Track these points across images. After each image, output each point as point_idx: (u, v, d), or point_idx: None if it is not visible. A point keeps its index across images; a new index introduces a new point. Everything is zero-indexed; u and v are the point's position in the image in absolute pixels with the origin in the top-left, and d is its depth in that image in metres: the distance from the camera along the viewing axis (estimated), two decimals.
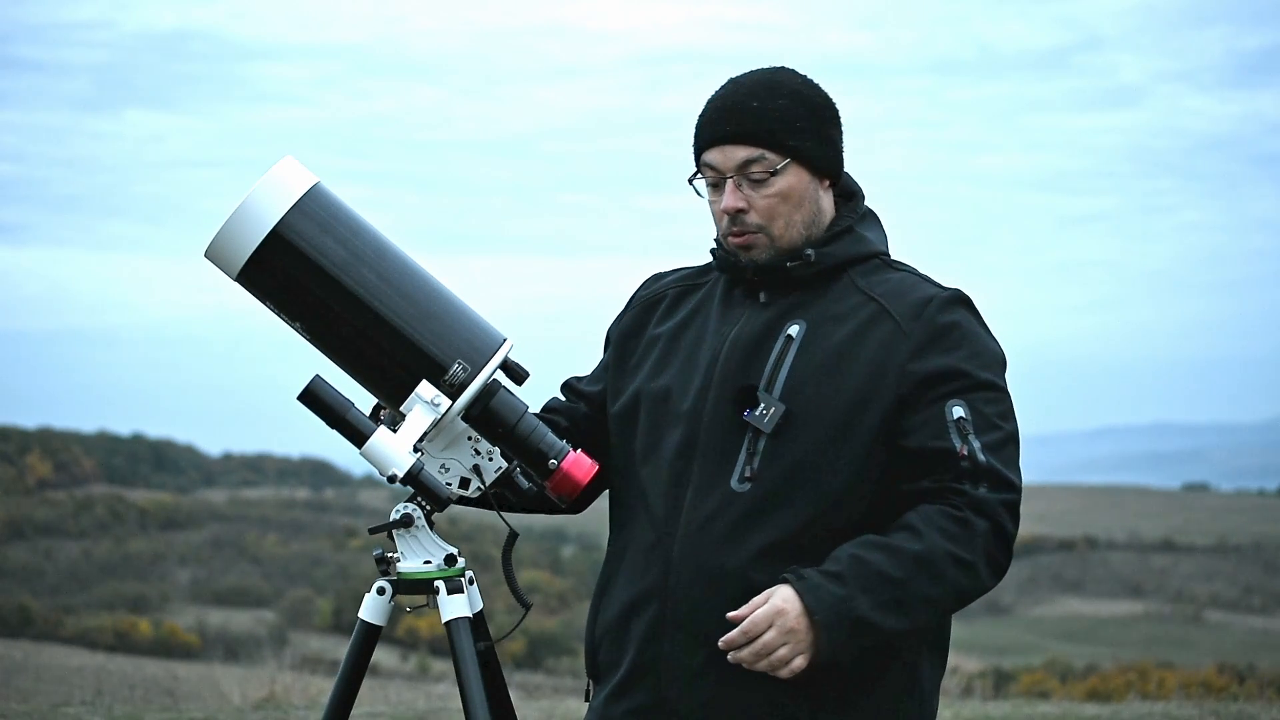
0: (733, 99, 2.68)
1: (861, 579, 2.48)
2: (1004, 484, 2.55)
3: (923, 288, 2.66)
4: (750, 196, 2.65)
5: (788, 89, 2.68)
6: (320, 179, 2.54)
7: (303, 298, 2.51)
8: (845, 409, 2.58)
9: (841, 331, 2.62)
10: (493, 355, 2.54)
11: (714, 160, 2.67)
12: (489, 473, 2.59)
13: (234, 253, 2.48)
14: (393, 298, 2.51)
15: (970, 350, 2.61)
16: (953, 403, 2.57)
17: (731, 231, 2.67)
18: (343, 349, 2.55)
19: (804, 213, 2.67)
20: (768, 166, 2.64)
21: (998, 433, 2.58)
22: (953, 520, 2.52)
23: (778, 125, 2.64)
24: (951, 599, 2.54)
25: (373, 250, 2.52)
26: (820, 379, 2.60)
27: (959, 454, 2.54)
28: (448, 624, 2.57)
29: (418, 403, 2.51)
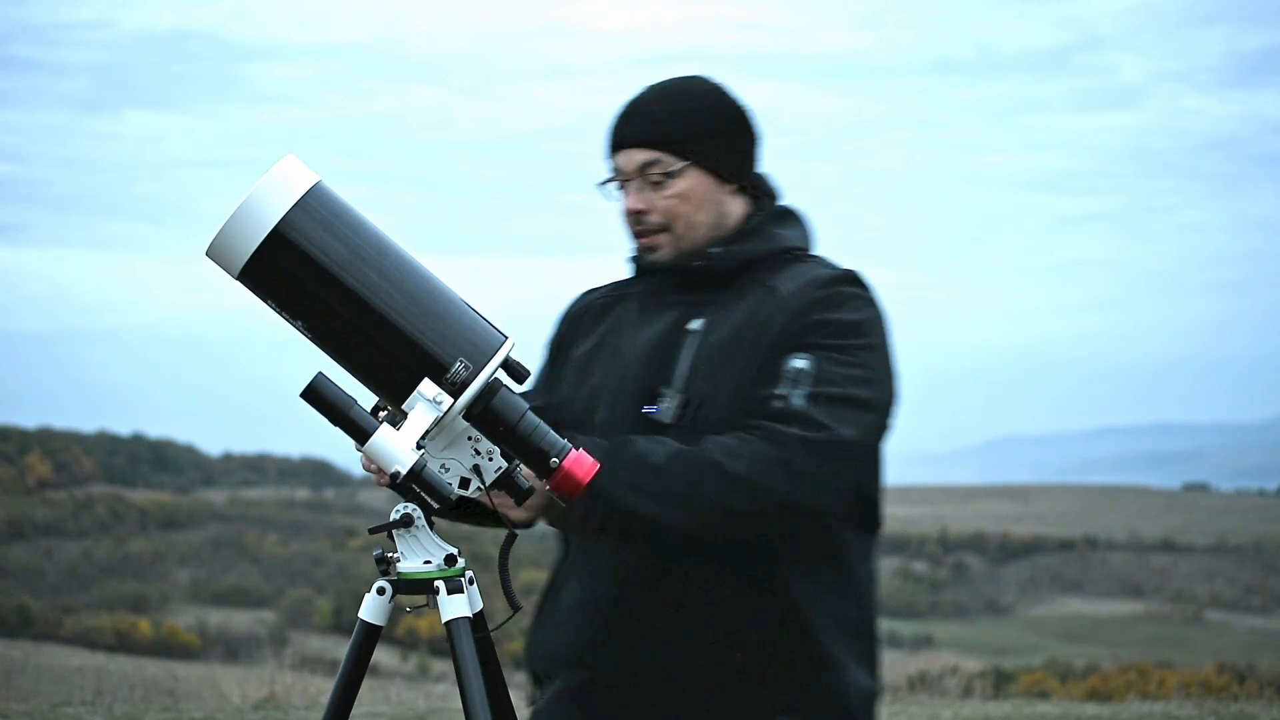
0: (636, 104, 2.79)
1: (617, 454, 2.58)
2: (815, 426, 2.58)
3: (817, 270, 2.73)
4: (651, 198, 2.75)
5: (692, 95, 2.78)
6: (321, 178, 2.54)
7: (304, 296, 2.51)
8: (738, 388, 2.66)
9: (735, 319, 2.70)
10: (494, 354, 2.55)
11: (619, 163, 2.78)
12: (489, 473, 2.58)
13: (236, 251, 2.48)
14: (394, 296, 2.51)
15: (838, 318, 2.66)
16: (798, 355, 2.62)
17: (636, 231, 2.78)
18: (344, 347, 2.55)
19: (706, 215, 2.75)
20: (665, 169, 2.73)
21: (835, 389, 2.61)
22: (736, 440, 2.58)
23: (676, 129, 2.74)
24: (712, 510, 2.57)
25: (374, 249, 2.53)
26: (715, 365, 2.68)
27: (777, 396, 2.60)
28: (448, 624, 2.56)
29: (420, 401, 2.51)
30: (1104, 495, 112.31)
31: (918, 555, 70.98)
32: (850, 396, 2.61)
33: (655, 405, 2.70)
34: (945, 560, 70.57)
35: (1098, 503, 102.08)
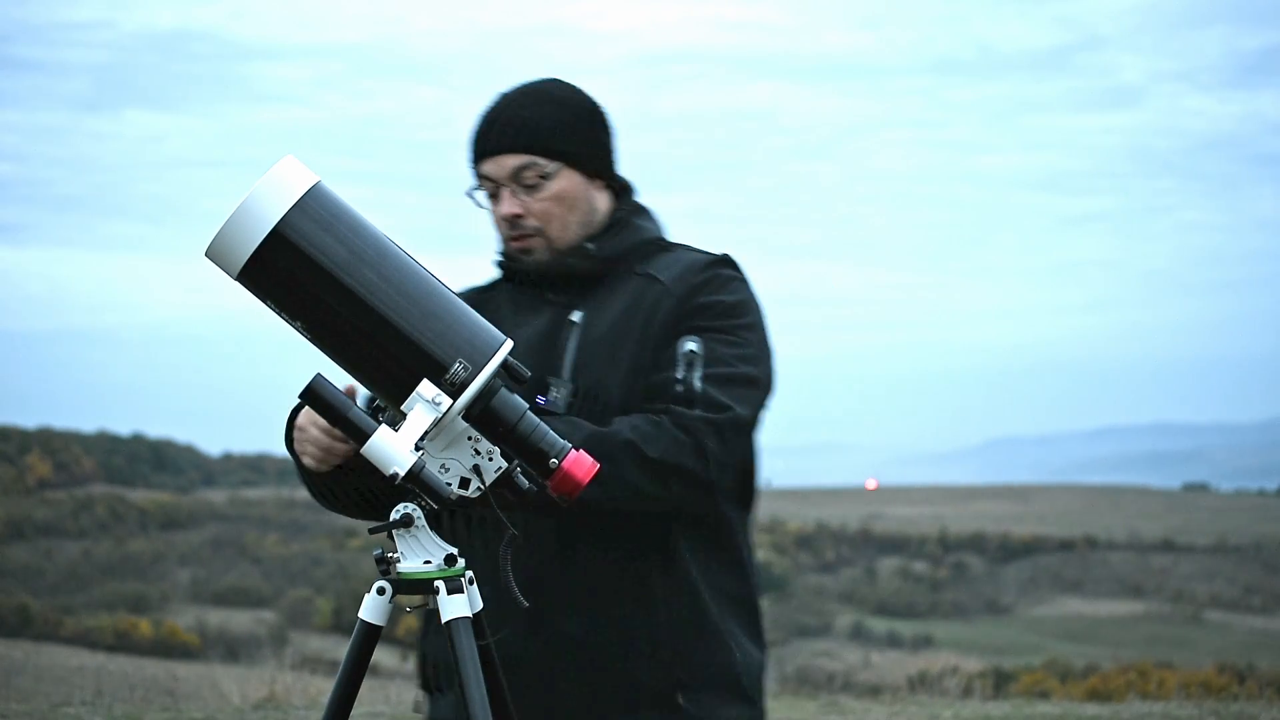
0: (501, 111, 2.83)
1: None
2: (715, 407, 2.68)
3: (691, 256, 2.83)
4: (526, 202, 2.81)
5: (553, 96, 2.84)
6: (321, 178, 2.54)
7: (303, 297, 2.51)
8: (626, 373, 2.74)
9: (618, 306, 2.78)
10: (494, 355, 2.54)
11: (489, 171, 2.83)
12: (489, 473, 2.58)
13: (235, 252, 2.48)
14: (394, 297, 2.51)
15: (721, 300, 2.77)
16: (690, 338, 2.72)
17: (511, 236, 2.82)
18: (343, 348, 2.55)
19: (579, 213, 2.84)
20: (539, 172, 2.80)
21: (727, 368, 2.71)
22: (647, 422, 2.66)
23: (546, 131, 2.80)
24: (625, 489, 2.64)
25: (374, 249, 2.53)
26: (603, 352, 2.76)
27: (677, 379, 2.69)
28: (448, 624, 2.56)
29: (419, 402, 2.51)
30: (1104, 495, 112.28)
31: (918, 555, 70.95)
32: (741, 375, 2.73)
33: (545, 396, 2.74)
34: (945, 560, 70.53)
35: (1098, 503, 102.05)
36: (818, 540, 70.31)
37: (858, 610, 56.88)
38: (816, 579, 63.60)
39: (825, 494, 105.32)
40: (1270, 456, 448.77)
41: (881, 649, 47.27)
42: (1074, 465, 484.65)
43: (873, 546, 71.87)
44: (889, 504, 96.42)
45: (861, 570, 67.27)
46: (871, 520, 76.81)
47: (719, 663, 2.80)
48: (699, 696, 2.78)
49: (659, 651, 2.76)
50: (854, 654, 45.14)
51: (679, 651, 2.77)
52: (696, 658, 2.79)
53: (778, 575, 58.75)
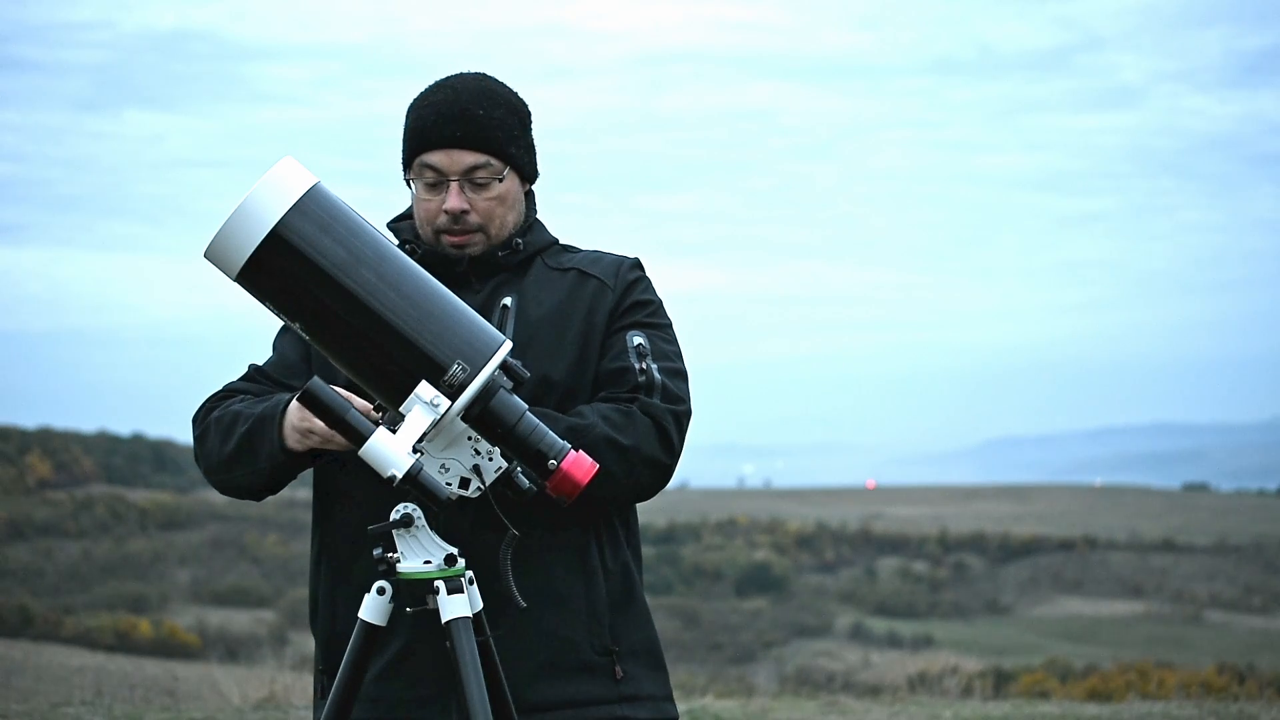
0: (457, 106, 2.87)
1: None
2: (674, 398, 2.86)
3: (610, 256, 2.99)
4: (472, 199, 2.87)
5: (502, 98, 2.91)
6: (320, 179, 2.54)
7: (302, 298, 2.51)
8: (572, 354, 2.85)
9: (552, 295, 2.90)
10: (492, 356, 2.55)
11: (438, 162, 2.86)
12: (489, 473, 2.59)
13: (233, 253, 2.48)
14: (392, 298, 2.51)
15: (651, 300, 2.96)
16: (634, 332, 2.89)
17: (450, 230, 2.86)
18: (342, 349, 2.55)
19: (515, 213, 2.93)
20: (494, 173, 2.87)
21: (671, 363, 2.90)
22: (618, 413, 2.80)
23: (502, 135, 2.88)
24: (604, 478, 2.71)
25: (372, 251, 2.53)
26: (545, 335, 2.85)
27: (637, 369, 2.85)
28: (448, 624, 2.57)
29: (417, 403, 2.51)
30: (1104, 495, 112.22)
31: (918, 555, 70.89)
32: (681, 370, 2.90)
33: None
34: (945, 560, 70.48)
35: (1098, 503, 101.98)
36: (818, 540, 70.25)
37: (858, 610, 56.84)
38: (816, 579, 63.57)
39: (825, 494, 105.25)
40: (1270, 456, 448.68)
41: (881, 649, 47.23)
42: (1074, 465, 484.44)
43: (873, 546, 71.80)
44: (889, 504, 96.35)
45: (861, 570, 67.22)
46: (871, 520, 76.73)
47: (645, 635, 2.91)
48: (629, 666, 2.87)
49: (596, 621, 2.83)
50: (854, 654, 45.14)
51: (613, 622, 2.86)
52: (627, 629, 2.88)
53: (778, 575, 58.74)
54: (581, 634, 2.83)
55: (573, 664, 2.82)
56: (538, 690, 2.79)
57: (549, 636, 2.80)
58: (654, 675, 2.92)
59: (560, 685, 2.81)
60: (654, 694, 2.90)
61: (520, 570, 2.72)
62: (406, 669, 2.80)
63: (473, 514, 2.73)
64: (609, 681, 2.85)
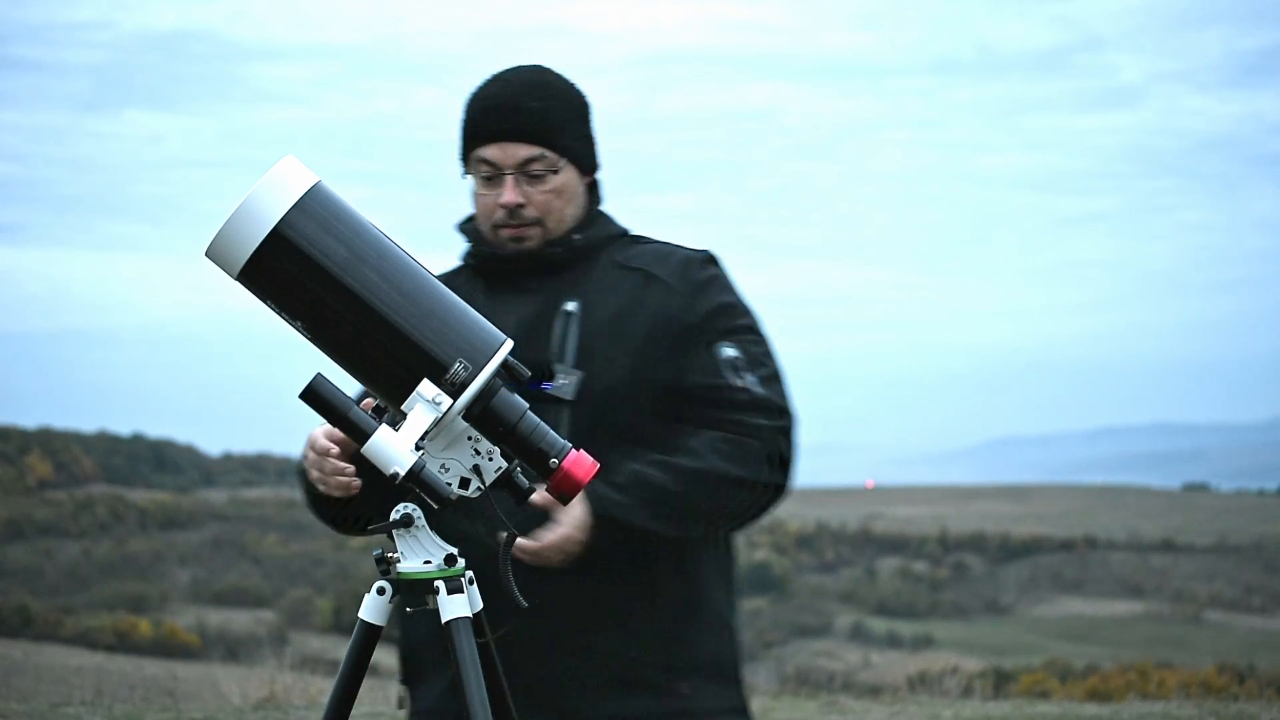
0: (512, 98, 2.85)
1: (639, 490, 2.70)
2: (778, 412, 2.79)
3: (679, 251, 2.88)
4: (528, 192, 2.83)
5: (558, 90, 2.88)
6: (321, 178, 2.54)
7: (304, 297, 2.51)
8: (636, 364, 2.79)
9: (616, 299, 2.83)
10: (494, 355, 2.54)
11: (492, 156, 2.84)
12: (489, 473, 2.58)
13: (235, 252, 2.48)
14: (394, 297, 2.51)
15: (730, 300, 2.85)
16: (724, 344, 2.79)
17: (507, 224, 2.83)
18: (344, 348, 2.54)
19: (574, 206, 2.88)
20: (549, 165, 2.83)
21: (766, 370, 2.81)
22: (729, 443, 2.74)
23: (556, 126, 2.84)
24: (726, 513, 2.75)
25: (374, 250, 2.52)
26: (606, 343, 2.79)
27: (737, 388, 2.76)
28: (448, 624, 2.56)
29: (419, 401, 2.51)
30: (1104, 495, 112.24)
31: (918, 555, 70.96)
32: (778, 372, 2.83)
33: (549, 382, 2.77)
34: (945, 560, 70.55)
35: (1098, 503, 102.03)
36: (818, 540, 70.32)
37: (857, 610, 56.89)
38: (816, 579, 63.62)
39: (825, 494, 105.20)
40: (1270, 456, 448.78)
41: (881, 649, 47.29)
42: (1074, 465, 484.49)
43: (873, 546, 71.88)
44: (889, 504, 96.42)
45: (861, 570, 67.28)
46: (871, 520, 76.81)
47: (713, 648, 2.85)
48: (693, 681, 2.81)
49: (657, 635, 2.78)
50: (854, 654, 45.19)
51: (676, 635, 2.80)
52: (693, 642, 2.82)
53: (778, 575, 58.77)
54: (640, 649, 2.78)
55: (631, 680, 2.77)
56: (595, 707, 2.77)
57: (607, 652, 2.77)
58: (719, 690, 2.84)
59: (618, 701, 2.77)
60: (716, 709, 2.84)
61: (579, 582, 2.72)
62: None
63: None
64: (668, 697, 2.79)
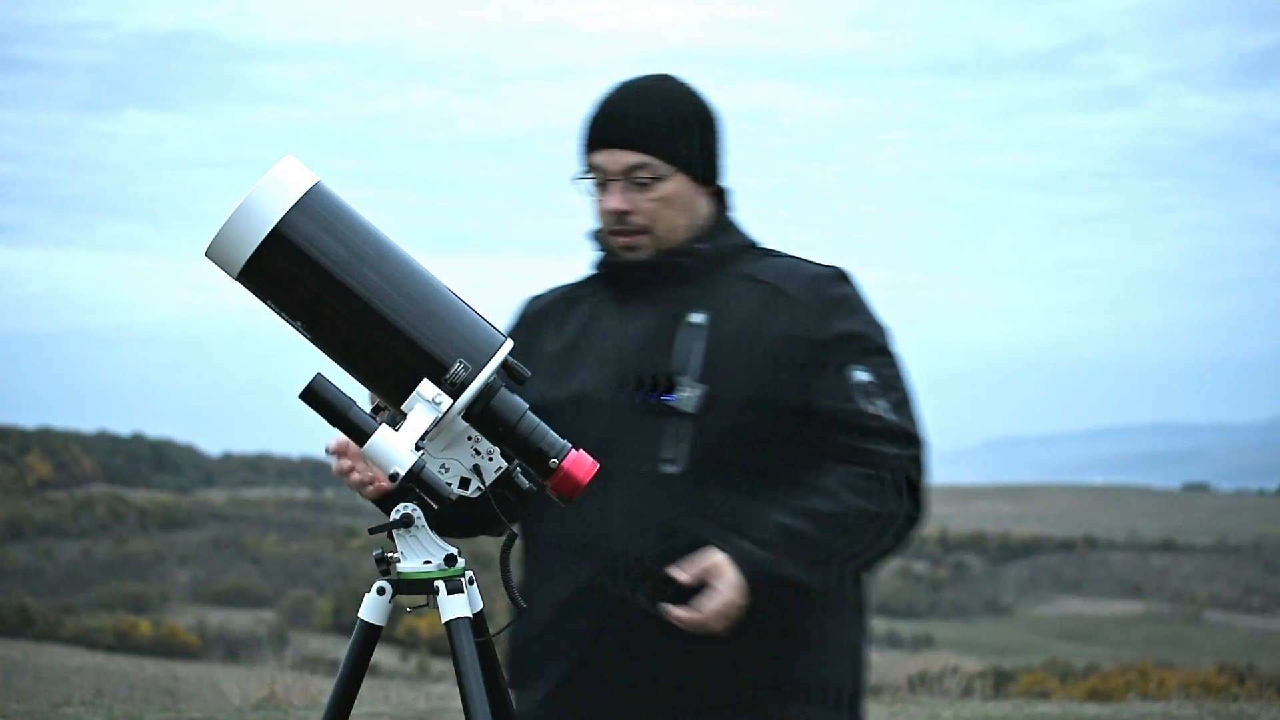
0: (621, 105, 2.82)
1: (786, 544, 2.63)
2: (909, 440, 2.73)
3: (809, 267, 2.82)
4: (635, 199, 2.78)
5: (673, 98, 2.83)
6: (321, 179, 2.54)
7: (304, 297, 2.51)
8: (760, 382, 2.72)
9: (743, 313, 2.76)
10: (494, 355, 2.54)
11: (601, 162, 2.80)
12: (489, 473, 2.58)
13: (235, 252, 2.48)
14: (394, 297, 2.51)
15: (863, 320, 2.78)
16: (856, 368, 2.73)
17: (616, 230, 2.80)
18: (344, 348, 2.54)
19: (686, 216, 2.81)
20: (653, 173, 2.78)
21: (897, 394, 2.75)
22: (865, 480, 2.68)
23: (664, 134, 2.79)
24: (870, 552, 2.70)
25: (374, 249, 2.52)
26: (731, 358, 2.73)
27: (869, 414, 2.70)
28: (448, 624, 2.56)
29: (419, 401, 2.51)
30: (1104, 495, 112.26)
31: (918, 555, 70.94)
32: (908, 396, 2.78)
33: (671, 394, 2.72)
34: (945, 560, 70.59)
35: (1098, 503, 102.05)
36: None
37: None
38: None
39: None
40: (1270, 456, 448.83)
41: (881, 649, 47.25)
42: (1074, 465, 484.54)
43: None
44: None
45: None
46: None
47: (825, 669, 2.76)
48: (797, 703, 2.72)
49: (763, 654, 2.70)
50: None
51: (785, 656, 2.73)
52: (805, 663, 2.75)
53: None
54: (747, 668, 2.70)
55: (736, 701, 2.70)
56: None
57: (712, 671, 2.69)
58: (828, 714, 2.75)
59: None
60: None
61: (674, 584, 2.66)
62: (578, 689, 2.75)
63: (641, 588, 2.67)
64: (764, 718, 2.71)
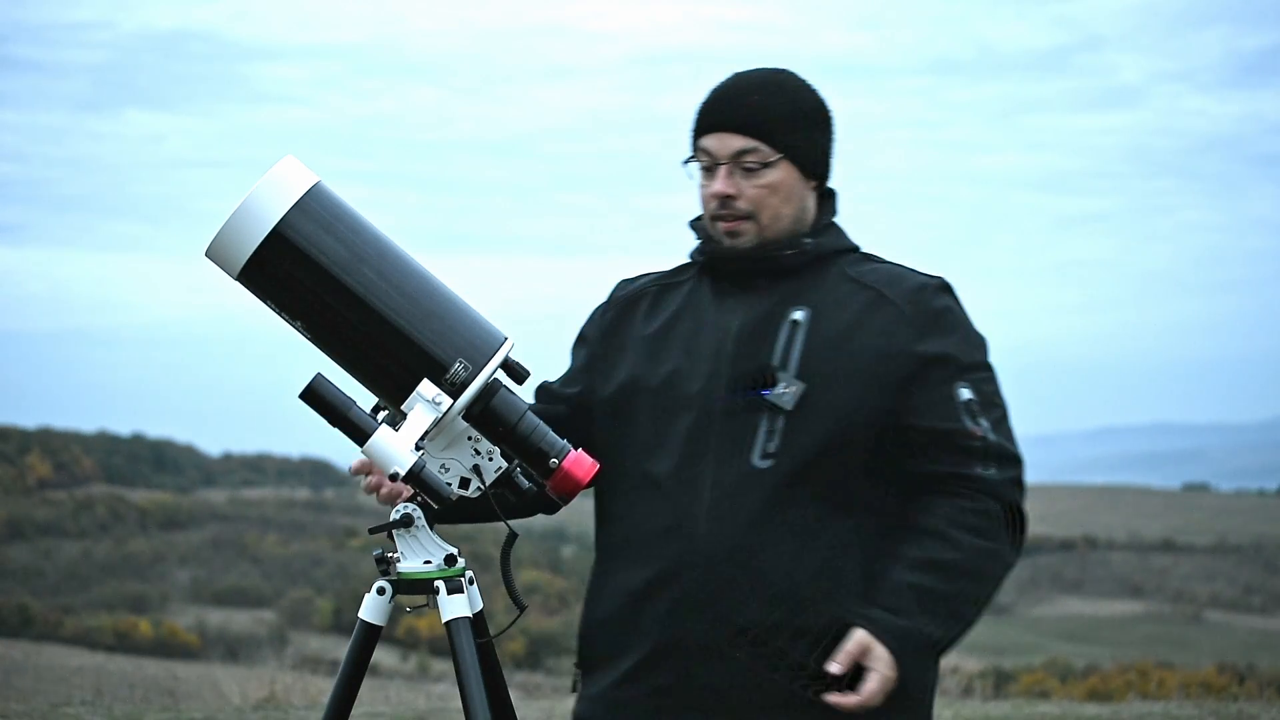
0: (735, 91, 2.78)
1: (921, 605, 2.61)
2: (1010, 460, 2.71)
3: (913, 276, 2.77)
4: (741, 185, 2.74)
5: (789, 89, 2.79)
6: (321, 179, 2.54)
7: (304, 297, 2.51)
8: (858, 387, 2.68)
9: (845, 316, 2.72)
10: (494, 354, 2.54)
11: (710, 146, 2.76)
12: (489, 473, 2.58)
13: (235, 252, 2.48)
14: (394, 297, 2.51)
15: (965, 333, 2.75)
16: (960, 384, 2.70)
17: (720, 215, 2.76)
18: (344, 348, 2.54)
19: (791, 207, 2.77)
20: (761, 158, 2.73)
21: (998, 411, 2.73)
22: (975, 514, 2.66)
23: (775, 122, 2.74)
24: (992, 588, 2.69)
25: (374, 249, 2.52)
26: (831, 359, 2.69)
27: (973, 434, 2.68)
28: (448, 624, 2.56)
29: (419, 401, 2.51)
30: (1104, 495, 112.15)
31: None
32: (1007, 412, 2.75)
33: (771, 389, 2.69)
34: None
35: (1098, 503, 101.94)
36: None
37: None
38: None
39: None
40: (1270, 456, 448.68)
41: None
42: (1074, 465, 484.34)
43: None
44: None
45: None
46: None
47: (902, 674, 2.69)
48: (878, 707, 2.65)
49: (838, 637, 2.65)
50: None
51: None
52: None
53: None
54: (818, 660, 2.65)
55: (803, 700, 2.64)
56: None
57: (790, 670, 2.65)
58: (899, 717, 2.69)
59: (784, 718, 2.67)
60: None
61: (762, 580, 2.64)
62: (648, 677, 2.71)
63: None
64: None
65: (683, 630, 2.67)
